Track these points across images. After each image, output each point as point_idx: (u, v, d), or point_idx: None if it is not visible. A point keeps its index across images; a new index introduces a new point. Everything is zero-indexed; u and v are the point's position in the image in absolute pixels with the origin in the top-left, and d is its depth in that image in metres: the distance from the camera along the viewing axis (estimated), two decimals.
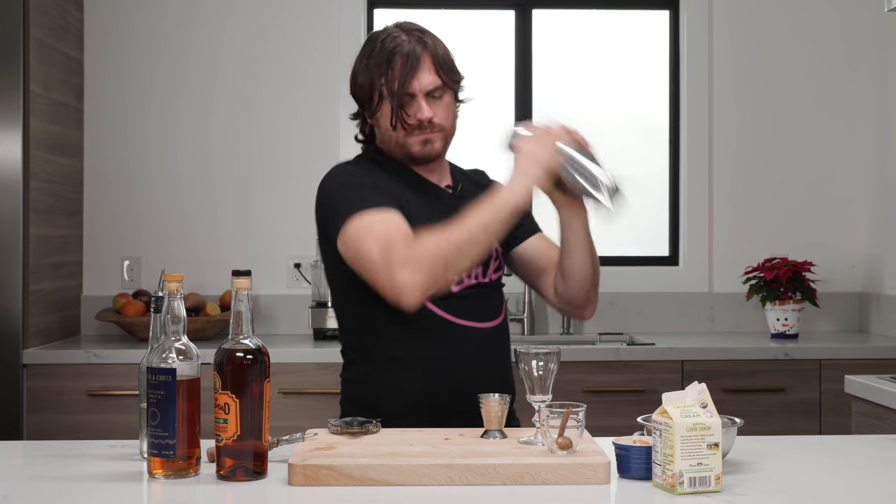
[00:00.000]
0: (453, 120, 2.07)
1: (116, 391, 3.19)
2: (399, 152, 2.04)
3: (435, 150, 2.04)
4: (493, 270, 2.07)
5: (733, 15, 3.90)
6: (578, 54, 4.03)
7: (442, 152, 2.07)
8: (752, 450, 1.75)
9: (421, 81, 1.99)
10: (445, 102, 2.03)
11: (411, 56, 1.98)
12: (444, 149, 2.06)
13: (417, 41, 2.01)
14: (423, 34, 2.04)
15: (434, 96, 2.01)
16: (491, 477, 1.52)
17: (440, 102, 2.02)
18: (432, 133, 2.02)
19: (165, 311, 1.59)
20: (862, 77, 3.88)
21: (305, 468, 1.52)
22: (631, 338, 3.67)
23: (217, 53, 3.82)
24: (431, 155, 2.04)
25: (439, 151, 2.05)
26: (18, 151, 3.20)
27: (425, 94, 2.00)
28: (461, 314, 1.99)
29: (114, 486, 1.54)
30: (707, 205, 3.88)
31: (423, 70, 1.99)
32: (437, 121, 2.01)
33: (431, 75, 2.00)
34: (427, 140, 2.02)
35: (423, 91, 1.99)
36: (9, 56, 3.19)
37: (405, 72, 1.98)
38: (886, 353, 3.33)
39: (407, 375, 1.99)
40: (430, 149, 2.03)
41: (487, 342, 2.02)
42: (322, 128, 3.83)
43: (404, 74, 1.98)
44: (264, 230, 3.81)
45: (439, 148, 2.04)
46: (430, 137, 2.02)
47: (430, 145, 2.03)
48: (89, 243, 3.78)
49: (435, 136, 2.02)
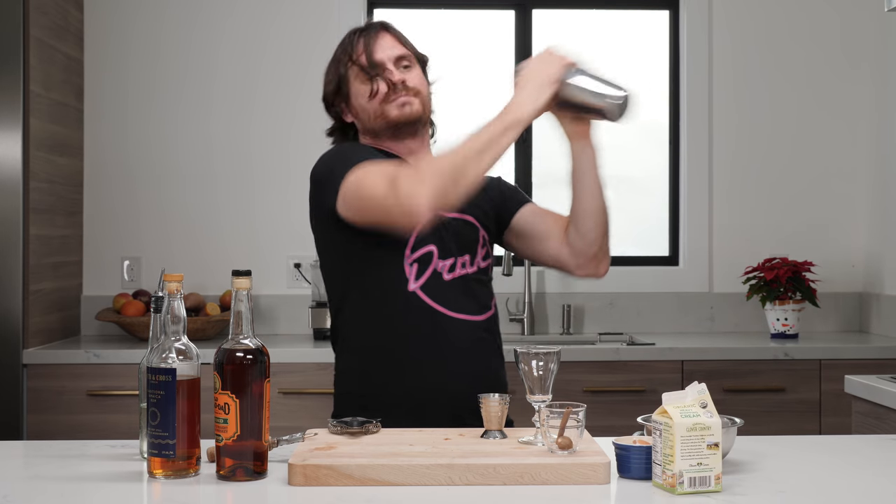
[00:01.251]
0: (427, 91, 2.09)
1: (116, 391, 3.19)
2: (379, 123, 2.05)
3: (414, 112, 2.04)
4: (482, 258, 2.07)
5: (733, 15, 3.90)
6: (578, 54, 4.02)
7: (423, 116, 2.06)
8: (752, 450, 1.75)
9: (385, 50, 2.05)
10: (416, 72, 2.08)
11: (370, 29, 2.08)
12: (422, 112, 2.06)
13: (376, 24, 2.10)
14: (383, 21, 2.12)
15: (403, 66, 2.06)
16: (491, 477, 1.52)
17: (411, 71, 2.06)
18: (408, 96, 2.03)
19: (165, 311, 1.59)
20: (862, 77, 3.88)
21: (305, 468, 1.52)
22: (631, 338, 3.67)
23: (217, 53, 3.82)
24: (411, 117, 2.04)
25: (419, 113, 2.04)
26: (18, 151, 3.20)
27: (393, 62, 2.05)
28: (450, 305, 1.98)
29: (114, 486, 1.54)
30: (707, 205, 3.88)
31: (384, 40, 2.06)
32: (410, 83, 2.04)
33: (396, 45, 2.07)
34: (404, 102, 2.03)
35: (390, 59, 2.05)
36: (9, 56, 3.19)
37: (368, 43, 2.05)
38: (886, 353, 3.33)
39: (395, 365, 1.99)
40: (408, 111, 2.03)
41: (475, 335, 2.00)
42: (322, 127, 3.77)
43: (369, 46, 2.05)
44: (264, 230, 3.81)
45: (418, 109, 2.04)
46: (407, 100, 2.03)
47: (408, 107, 2.03)
48: (89, 243, 3.78)
49: (412, 100, 2.04)
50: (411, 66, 2.07)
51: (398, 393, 1.98)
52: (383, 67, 2.04)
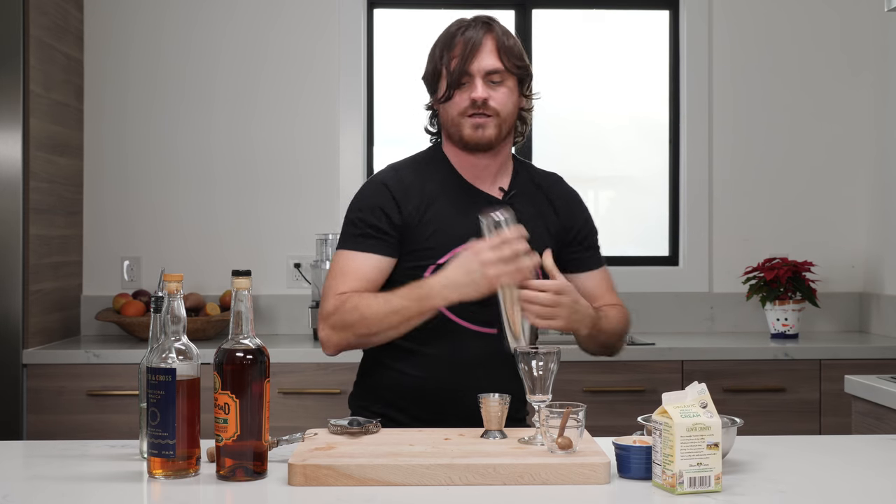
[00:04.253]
0: (512, 109, 2.04)
1: (116, 391, 3.19)
2: (455, 134, 2.03)
3: (486, 137, 2.01)
4: None
5: (733, 15, 3.90)
6: (578, 54, 4.03)
7: (495, 140, 2.02)
8: (752, 450, 1.75)
9: (480, 62, 2.00)
10: (506, 89, 2.02)
11: (473, 38, 2.01)
12: (497, 137, 2.02)
13: (483, 25, 2.03)
14: (492, 21, 2.05)
15: (493, 81, 2.00)
16: (491, 477, 1.52)
17: (499, 88, 2.01)
18: (486, 118, 2.00)
19: (165, 311, 1.59)
20: (862, 77, 3.88)
21: (305, 468, 1.52)
22: (631, 338, 3.66)
23: (217, 53, 3.81)
24: (482, 141, 2.01)
25: (491, 139, 2.01)
26: (18, 151, 3.20)
27: (484, 76, 1.99)
28: (466, 316, 2.01)
29: (114, 486, 1.54)
30: (707, 205, 3.88)
31: (483, 51, 2.00)
32: (492, 104, 2.00)
33: (492, 58, 2.00)
34: (479, 125, 2.00)
35: (481, 72, 1.99)
36: (9, 56, 3.19)
37: (465, 51, 1.99)
38: (886, 353, 3.33)
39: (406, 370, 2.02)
40: (481, 134, 2.00)
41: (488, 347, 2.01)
42: (322, 128, 3.83)
43: (465, 54, 1.99)
44: (264, 230, 3.81)
45: (491, 135, 2.01)
46: (483, 122, 2.00)
47: (481, 130, 2.00)
48: (89, 243, 3.78)
49: (488, 122, 2.00)
50: (501, 83, 2.02)
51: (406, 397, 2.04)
52: (471, 82, 2.00)
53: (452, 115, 2.02)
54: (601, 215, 4.12)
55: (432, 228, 2.00)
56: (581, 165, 4.02)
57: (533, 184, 2.14)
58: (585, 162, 4.03)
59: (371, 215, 2.03)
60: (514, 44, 2.05)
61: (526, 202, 2.09)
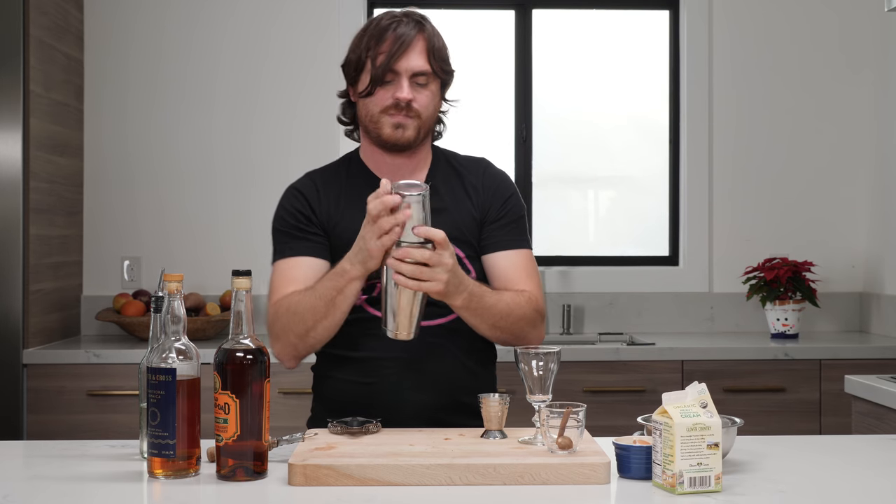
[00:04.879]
0: (433, 111, 2.01)
1: (116, 391, 3.19)
2: (373, 131, 1.99)
3: (405, 138, 1.97)
4: None
5: (733, 15, 3.90)
6: (578, 54, 4.03)
7: (414, 142, 1.99)
8: (752, 450, 1.75)
9: (409, 62, 1.95)
10: (430, 91, 1.98)
11: (404, 36, 1.95)
12: (416, 138, 1.98)
13: (415, 24, 1.98)
14: (424, 21, 2.00)
15: (419, 83, 1.96)
16: (491, 477, 1.52)
17: (424, 90, 1.97)
18: (407, 118, 1.96)
19: (165, 311, 1.59)
20: (862, 77, 3.88)
21: (305, 468, 1.52)
22: (631, 338, 3.67)
23: (217, 53, 3.81)
24: (400, 141, 1.97)
25: (410, 140, 1.98)
26: (18, 151, 3.20)
27: (410, 77, 1.95)
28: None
29: (114, 486, 1.54)
30: (707, 205, 3.88)
31: (413, 51, 1.95)
32: (415, 105, 1.95)
33: (421, 59, 1.96)
34: (399, 124, 1.96)
35: (408, 72, 1.95)
36: (9, 56, 3.19)
37: (395, 49, 1.94)
38: (886, 353, 3.33)
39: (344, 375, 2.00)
40: (400, 134, 1.96)
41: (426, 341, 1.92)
42: (322, 127, 3.83)
43: (393, 51, 1.94)
44: (264, 230, 3.77)
45: (410, 136, 1.97)
46: (404, 122, 1.96)
47: (401, 130, 1.96)
48: (89, 243, 3.78)
49: (409, 122, 1.96)
50: (426, 85, 1.97)
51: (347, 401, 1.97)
52: (396, 80, 1.95)
53: (372, 112, 1.97)
54: (601, 215, 4.12)
55: (349, 231, 1.91)
56: (581, 165, 4.03)
57: (453, 170, 2.07)
58: (585, 162, 4.03)
59: (291, 219, 2.02)
60: (442, 46, 2.01)
61: (445, 189, 2.03)
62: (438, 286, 1.76)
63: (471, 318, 1.90)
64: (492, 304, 1.90)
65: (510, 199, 2.07)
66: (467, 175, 2.07)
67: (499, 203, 2.05)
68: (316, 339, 1.93)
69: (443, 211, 1.98)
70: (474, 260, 2.02)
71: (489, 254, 2.02)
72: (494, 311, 1.90)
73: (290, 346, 1.95)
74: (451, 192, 2.04)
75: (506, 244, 2.03)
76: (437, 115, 2.05)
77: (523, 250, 2.04)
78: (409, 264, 1.73)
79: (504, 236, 2.03)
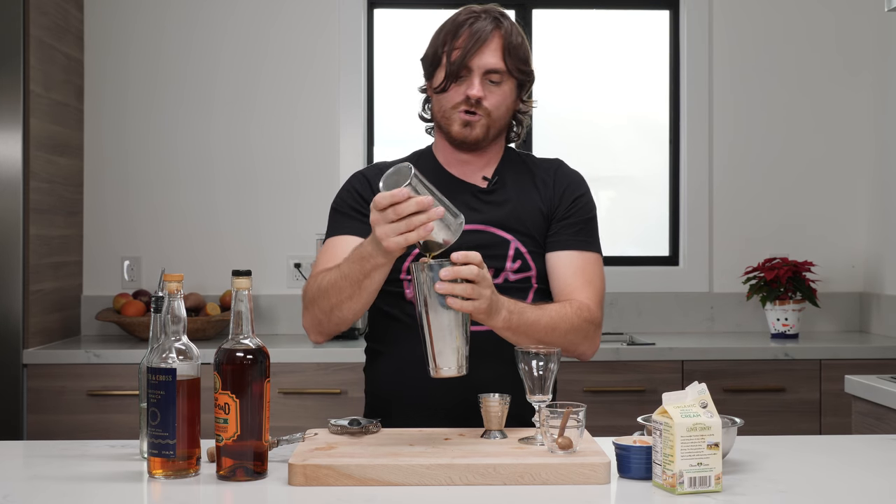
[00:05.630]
0: (505, 112, 1.99)
1: (116, 391, 3.19)
2: (444, 126, 1.99)
3: (473, 135, 1.96)
4: (513, 272, 1.97)
5: (733, 15, 3.90)
6: (578, 54, 4.03)
7: (482, 140, 1.97)
8: (752, 450, 1.75)
9: (482, 59, 1.93)
10: (503, 91, 1.96)
11: (480, 32, 1.93)
12: (485, 137, 1.97)
13: (493, 21, 1.96)
14: (502, 17, 1.98)
15: (492, 80, 1.94)
16: (491, 477, 1.52)
17: (497, 88, 1.95)
18: (476, 116, 1.95)
19: (165, 311, 1.59)
20: (861, 77, 3.88)
21: (305, 468, 1.52)
22: (631, 338, 3.67)
23: (217, 53, 3.81)
24: (468, 139, 1.97)
25: (478, 138, 1.96)
26: (18, 151, 3.20)
27: (483, 74, 1.94)
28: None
29: (114, 486, 1.54)
30: (707, 205, 3.88)
31: (488, 48, 1.93)
32: (485, 103, 1.94)
33: (495, 57, 1.94)
34: (468, 122, 1.95)
35: (481, 69, 1.93)
36: (9, 56, 3.19)
37: (469, 45, 1.92)
38: (886, 353, 3.33)
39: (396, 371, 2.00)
40: (468, 132, 1.96)
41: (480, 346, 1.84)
42: (322, 127, 3.83)
43: (468, 47, 1.92)
44: (264, 230, 3.81)
45: (479, 134, 1.96)
46: (472, 120, 1.95)
47: (469, 128, 1.95)
48: (89, 243, 3.78)
49: (477, 121, 1.95)
50: (500, 84, 1.95)
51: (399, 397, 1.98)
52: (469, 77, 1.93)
53: (445, 108, 1.97)
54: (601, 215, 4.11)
55: None
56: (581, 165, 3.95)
57: (524, 166, 2.06)
58: (585, 162, 3.99)
59: (350, 199, 2.03)
60: (520, 44, 1.98)
61: (512, 185, 2.02)
62: (484, 304, 1.68)
63: (514, 337, 1.81)
64: (534, 319, 1.83)
65: (580, 198, 2.05)
66: (539, 171, 2.06)
67: (568, 201, 2.03)
68: (341, 317, 1.87)
69: (506, 203, 1.98)
70: (536, 256, 1.99)
71: (551, 252, 1.99)
72: (538, 328, 1.83)
73: (316, 320, 1.92)
74: (518, 185, 2.03)
75: (569, 244, 1.99)
76: (512, 115, 2.03)
77: (587, 253, 2.00)
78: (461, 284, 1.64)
79: (569, 236, 2.00)
